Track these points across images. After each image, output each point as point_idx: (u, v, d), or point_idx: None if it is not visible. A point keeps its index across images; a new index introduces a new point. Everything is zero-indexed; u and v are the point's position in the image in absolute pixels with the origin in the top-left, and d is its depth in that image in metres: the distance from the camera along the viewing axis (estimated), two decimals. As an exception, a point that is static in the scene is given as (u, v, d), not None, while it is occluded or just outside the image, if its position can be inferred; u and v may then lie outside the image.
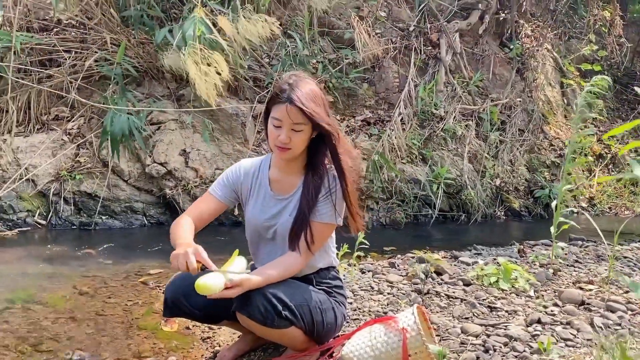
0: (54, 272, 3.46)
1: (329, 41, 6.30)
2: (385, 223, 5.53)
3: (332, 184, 2.00)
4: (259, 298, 1.84)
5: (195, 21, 4.71)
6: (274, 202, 2.07)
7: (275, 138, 1.92)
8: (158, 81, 5.51)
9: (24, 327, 2.56)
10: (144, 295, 3.04)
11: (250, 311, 1.84)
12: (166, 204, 5.07)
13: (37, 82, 5.06)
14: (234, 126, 5.41)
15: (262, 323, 1.85)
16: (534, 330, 2.19)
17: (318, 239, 1.98)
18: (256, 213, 2.08)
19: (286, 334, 1.93)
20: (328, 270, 2.16)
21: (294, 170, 2.05)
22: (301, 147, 1.95)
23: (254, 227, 2.10)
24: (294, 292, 1.93)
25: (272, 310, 1.83)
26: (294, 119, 1.88)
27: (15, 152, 4.79)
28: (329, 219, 1.99)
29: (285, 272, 1.95)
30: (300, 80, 1.93)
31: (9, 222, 4.52)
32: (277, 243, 2.06)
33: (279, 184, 2.08)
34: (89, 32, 5.38)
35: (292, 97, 1.86)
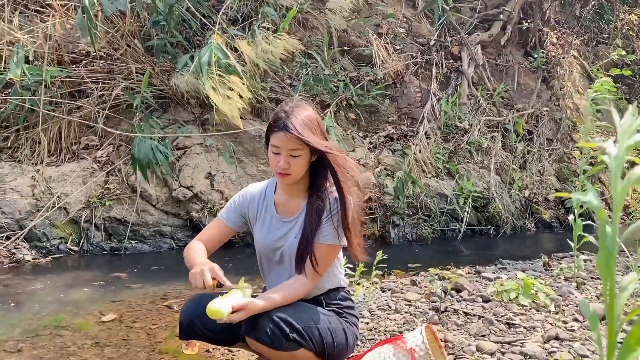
0: (84, 298, 3.56)
1: (350, 59, 6.36)
2: (412, 239, 5.49)
3: (333, 205, 2.02)
4: (266, 322, 1.87)
5: (212, 47, 4.85)
6: (280, 224, 2.10)
7: (275, 164, 1.98)
8: (183, 107, 5.65)
9: (51, 352, 2.65)
10: (168, 319, 3.10)
11: (257, 335, 1.87)
12: (193, 226, 5.16)
13: (67, 113, 5.26)
14: (257, 147, 5.50)
15: (270, 346, 1.87)
16: (551, 347, 2.14)
17: (323, 260, 2.00)
18: (263, 236, 2.12)
19: (296, 356, 1.94)
20: (337, 290, 2.17)
21: (297, 193, 2.08)
22: (301, 172, 1.99)
23: (262, 249, 2.14)
24: (302, 314, 1.95)
25: (280, 333, 1.86)
26: (290, 146, 1.92)
27: (48, 181, 4.97)
28: (332, 240, 2.01)
29: (291, 296, 1.97)
30: (296, 107, 1.97)
31: (42, 249, 4.68)
32: (285, 265, 2.09)
33: (284, 207, 2.12)
34: (115, 63, 5.58)
35: (287, 125, 1.91)
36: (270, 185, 2.21)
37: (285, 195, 2.12)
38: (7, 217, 4.71)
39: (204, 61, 4.81)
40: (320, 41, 6.07)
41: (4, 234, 4.59)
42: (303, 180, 2.05)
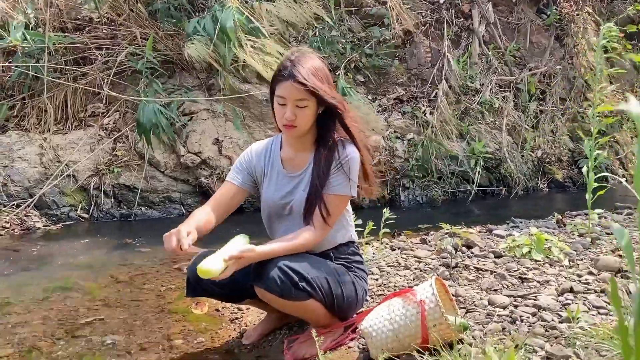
0: (94, 262, 3.57)
1: (357, 20, 6.21)
2: (422, 201, 5.44)
3: (342, 154, 1.97)
4: (274, 270, 1.84)
5: (232, 10, 4.74)
6: (287, 179, 2.06)
7: (281, 116, 1.92)
8: (188, 72, 5.56)
9: (61, 314, 2.66)
10: (178, 281, 3.10)
11: (266, 283, 1.85)
12: (202, 192, 5.15)
13: (72, 80, 5.21)
14: (265, 112, 5.42)
15: (279, 295, 1.85)
16: (565, 299, 2.10)
17: (333, 211, 1.96)
18: (271, 192, 2.08)
19: (305, 306, 1.92)
20: (347, 245, 2.14)
21: (304, 147, 2.03)
22: (308, 123, 1.93)
23: (269, 206, 2.10)
24: (311, 264, 1.93)
25: (289, 281, 1.83)
26: (297, 95, 1.86)
27: (56, 149, 4.96)
28: (342, 191, 1.96)
29: (296, 245, 1.93)
30: (302, 56, 1.91)
31: (53, 217, 4.70)
32: (293, 220, 2.05)
33: (291, 162, 2.07)
34: (119, 28, 5.49)
35: (294, 73, 1.85)
36: (275, 141, 2.16)
37: (291, 149, 2.07)
38: (16, 185, 4.71)
39: (229, 26, 4.72)
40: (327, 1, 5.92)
41: (14, 202, 4.60)
42: (310, 132, 2.00)
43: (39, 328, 2.48)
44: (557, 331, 1.84)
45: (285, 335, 2.22)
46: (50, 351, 2.26)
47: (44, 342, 2.34)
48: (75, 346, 2.29)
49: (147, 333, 2.42)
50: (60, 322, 2.55)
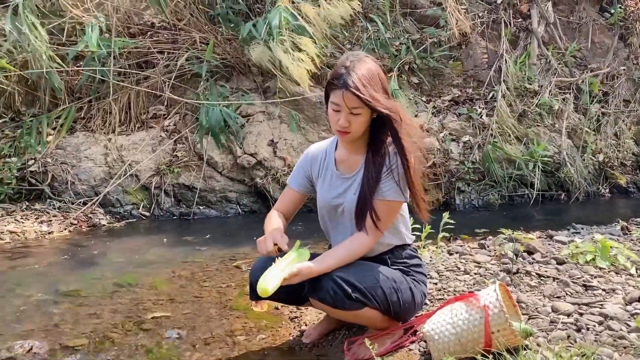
0: (157, 259, 3.71)
1: (412, 21, 6.18)
2: (478, 205, 5.36)
3: (392, 160, 1.97)
4: (328, 282, 1.88)
5: (280, 11, 4.83)
6: (340, 181, 2.09)
7: (335, 122, 1.94)
8: (245, 75, 5.70)
9: (129, 308, 2.78)
10: (237, 278, 3.19)
11: (320, 295, 1.89)
12: (257, 192, 5.25)
13: (136, 83, 5.42)
14: (319, 114, 5.48)
15: (333, 306, 1.89)
16: (634, 309, 2.04)
17: (384, 217, 1.97)
18: (324, 193, 2.12)
19: (361, 315, 1.95)
20: (403, 248, 2.14)
21: (357, 149, 2.05)
22: (361, 129, 1.95)
23: (323, 207, 2.14)
24: (365, 274, 1.94)
25: (342, 293, 1.86)
26: (351, 104, 1.87)
27: (120, 149, 5.17)
28: (392, 196, 1.97)
29: (351, 254, 1.96)
30: (357, 62, 1.90)
31: (116, 214, 4.90)
32: (346, 222, 2.07)
33: (344, 164, 2.10)
34: (179, 33, 5.68)
35: (348, 83, 1.85)
36: (331, 143, 2.19)
37: (345, 151, 2.10)
38: (83, 183, 4.95)
39: (274, 25, 4.81)
40: (382, 3, 5.92)
41: (81, 199, 4.84)
42: (363, 136, 2.01)
43: (109, 320, 2.61)
44: (626, 341, 1.79)
45: (345, 335, 2.25)
46: (121, 342, 2.37)
47: (115, 334, 2.46)
48: (143, 339, 2.40)
49: (210, 328, 2.51)
50: (129, 315, 2.67)
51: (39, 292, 3.03)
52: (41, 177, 4.86)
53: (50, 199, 4.78)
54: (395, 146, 1.94)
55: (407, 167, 1.92)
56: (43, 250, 3.96)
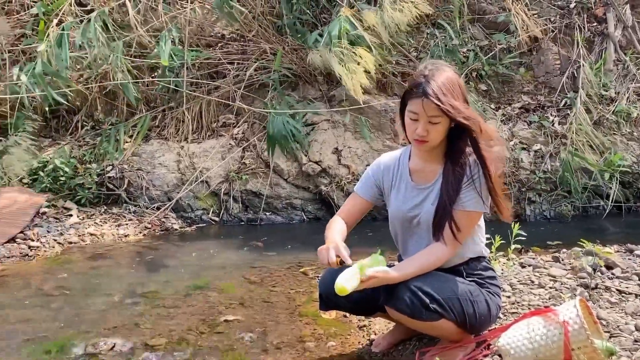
0: (227, 263, 3.83)
1: (480, 27, 6.07)
2: (550, 216, 5.17)
3: (473, 170, 1.95)
4: (405, 292, 1.88)
5: (341, 20, 4.88)
6: (416, 192, 2.07)
7: (412, 131, 1.93)
8: (311, 84, 5.78)
9: (203, 310, 2.89)
10: (305, 285, 3.24)
11: (397, 304, 1.89)
12: (322, 200, 5.30)
13: (207, 93, 5.62)
14: (383, 122, 5.48)
15: (410, 316, 1.88)
16: None
17: (463, 227, 1.95)
18: (399, 204, 2.11)
19: (437, 326, 1.93)
20: (478, 260, 2.11)
21: (434, 159, 2.03)
22: (439, 139, 1.93)
23: (397, 218, 2.13)
24: (442, 285, 1.93)
25: (419, 303, 1.86)
26: (430, 113, 1.87)
27: (192, 157, 5.37)
28: (473, 207, 1.94)
29: (428, 264, 1.95)
30: (436, 71, 1.89)
31: (188, 219, 5.08)
32: (421, 233, 2.06)
33: (420, 174, 2.08)
34: (248, 44, 5.84)
35: (427, 91, 1.84)
36: (404, 153, 2.18)
37: (420, 161, 2.08)
38: (157, 189, 5.17)
39: (334, 34, 4.86)
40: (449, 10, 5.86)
41: (155, 204, 5.05)
42: (440, 145, 2.00)
43: (184, 322, 2.72)
44: None
45: (415, 346, 2.24)
46: (196, 344, 2.47)
47: (191, 335, 2.56)
48: (217, 341, 2.49)
49: (280, 333, 2.56)
50: (202, 318, 2.77)
51: (119, 293, 3.20)
52: (118, 182, 5.12)
53: (126, 204, 5.02)
54: (476, 156, 1.92)
55: (489, 177, 1.89)
56: (120, 252, 4.17)
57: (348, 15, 4.95)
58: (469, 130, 1.89)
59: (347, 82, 4.85)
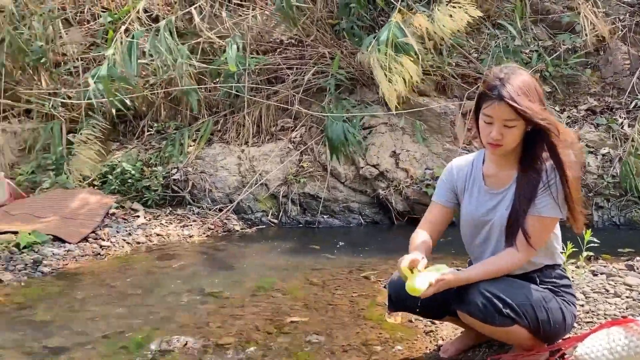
0: (288, 265, 3.88)
1: (544, 27, 5.91)
2: (619, 223, 4.96)
3: (550, 175, 1.91)
4: (477, 296, 1.86)
5: (391, 26, 4.85)
6: (489, 196, 2.05)
7: (487, 135, 1.91)
8: (368, 87, 5.78)
9: (268, 311, 2.94)
10: (367, 289, 3.25)
11: (469, 309, 1.87)
12: (380, 204, 5.29)
13: (266, 98, 5.73)
14: (443, 125, 5.41)
15: (483, 320, 1.86)
16: None
17: (538, 234, 1.91)
18: (471, 209, 2.08)
19: (509, 332, 1.91)
20: (553, 268, 2.06)
21: (508, 164, 2.00)
22: (514, 143, 1.91)
23: (469, 223, 2.11)
24: (515, 290, 1.90)
25: (492, 307, 1.84)
26: (505, 116, 1.84)
27: (251, 160, 5.48)
28: (548, 212, 1.90)
29: (499, 269, 1.93)
30: (511, 74, 1.87)
31: (248, 220, 5.19)
32: (494, 239, 2.03)
33: (494, 179, 2.05)
34: (306, 49, 5.91)
35: (503, 94, 1.82)
36: (477, 157, 2.16)
37: (494, 166, 2.06)
38: (219, 191, 5.31)
39: (381, 40, 4.85)
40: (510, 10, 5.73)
41: (217, 206, 5.19)
42: (515, 149, 1.97)
43: (252, 321, 2.79)
44: None
45: (485, 352, 2.22)
46: (264, 344, 2.52)
47: (258, 335, 2.62)
48: (285, 342, 2.54)
49: (346, 336, 2.58)
50: (269, 318, 2.83)
51: (187, 292, 3.31)
52: (183, 184, 5.29)
53: (190, 205, 5.18)
54: (553, 161, 1.88)
55: (566, 183, 1.85)
56: (185, 252, 4.30)
57: (399, 21, 4.92)
58: (546, 133, 1.85)
59: (384, 90, 4.81)
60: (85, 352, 2.50)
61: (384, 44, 4.73)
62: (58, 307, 3.08)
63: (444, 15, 4.90)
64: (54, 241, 4.11)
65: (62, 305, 3.10)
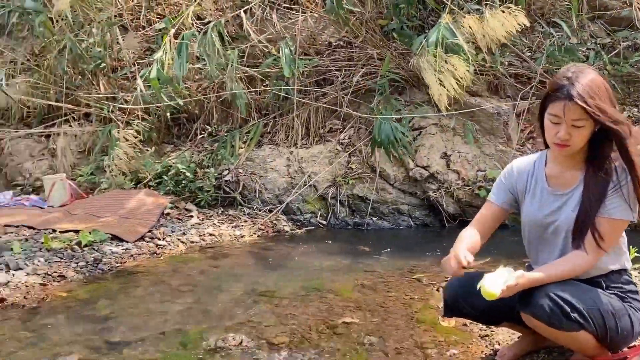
0: (338, 266, 3.89)
1: (601, 24, 5.71)
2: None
3: (621, 176, 1.85)
4: (543, 298, 1.81)
5: (440, 27, 4.78)
6: (553, 198, 2.00)
7: (553, 135, 1.87)
8: (418, 88, 5.73)
9: (320, 311, 2.96)
10: (420, 291, 3.22)
11: (535, 311, 1.82)
12: (430, 206, 5.23)
13: (315, 100, 5.76)
14: (496, 126, 5.31)
15: (549, 324, 1.81)
16: None
17: (608, 236, 1.85)
18: (534, 210, 2.04)
19: (575, 337, 1.85)
20: (620, 273, 1.99)
21: (574, 165, 1.95)
22: (581, 143, 1.85)
23: (532, 225, 2.06)
24: (583, 294, 1.84)
25: (559, 311, 1.79)
26: (574, 116, 1.79)
27: (300, 162, 5.53)
28: (619, 215, 1.84)
29: (568, 271, 1.88)
30: (579, 73, 1.82)
31: (297, 222, 5.23)
32: (557, 241, 1.98)
33: (558, 180, 2.00)
34: (355, 50, 5.91)
35: (572, 93, 1.77)
36: (539, 158, 2.11)
37: (558, 166, 2.01)
38: (269, 192, 5.38)
39: (431, 41, 4.79)
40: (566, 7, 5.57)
41: (267, 207, 5.25)
42: (582, 150, 1.91)
43: (304, 321, 2.81)
44: None
45: (543, 359, 2.16)
46: (318, 344, 2.54)
47: (311, 335, 2.64)
48: (338, 342, 2.54)
49: (399, 338, 2.57)
50: (321, 319, 2.84)
51: (240, 290, 3.37)
52: (234, 185, 5.38)
53: (241, 206, 5.27)
54: (624, 162, 1.82)
55: (638, 185, 1.79)
56: (237, 252, 4.38)
57: (448, 22, 4.85)
58: (616, 134, 1.80)
59: (434, 92, 4.74)
60: (144, 348, 2.58)
61: (434, 45, 4.68)
62: (117, 303, 3.19)
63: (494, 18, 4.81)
64: (113, 240, 4.26)
65: (122, 302, 3.22)
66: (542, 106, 1.93)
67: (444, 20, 4.82)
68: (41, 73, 6.06)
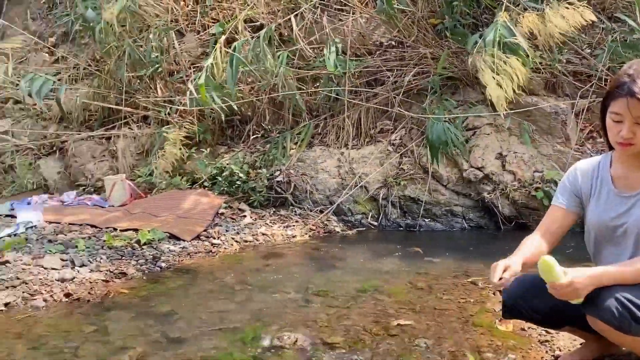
0: (391, 268, 3.87)
1: (667, 18, 5.44)
2: None
3: None
4: (611, 301, 1.75)
5: (497, 25, 4.66)
6: (620, 199, 1.93)
7: (615, 134, 1.82)
8: (472, 87, 5.62)
9: (374, 313, 2.96)
10: (475, 294, 3.16)
11: (602, 314, 1.76)
12: (485, 207, 5.12)
13: (366, 100, 5.75)
14: (553, 125, 5.14)
15: (617, 328, 1.74)
16: None
17: None
18: (600, 213, 1.97)
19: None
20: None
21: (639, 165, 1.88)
22: None
23: (597, 228, 1.99)
24: (653, 299, 1.76)
25: (628, 314, 1.72)
26: (636, 114, 1.74)
27: (351, 162, 5.52)
28: None
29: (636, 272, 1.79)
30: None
31: (348, 222, 5.24)
32: (625, 244, 1.91)
33: (624, 181, 1.94)
34: (406, 50, 5.87)
35: (634, 90, 1.73)
36: (604, 159, 2.05)
37: (624, 167, 1.94)
38: (319, 193, 5.41)
39: (488, 40, 4.68)
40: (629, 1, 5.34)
41: (318, 207, 5.29)
42: None
43: (358, 322, 2.81)
44: None
45: (608, 367, 2.08)
46: (372, 345, 2.54)
47: (366, 336, 2.64)
48: (393, 344, 2.53)
49: (455, 341, 2.53)
50: (375, 320, 2.84)
51: (293, 290, 3.41)
52: (285, 186, 5.44)
53: (292, 206, 5.32)
54: None
55: None
56: (289, 251, 4.43)
57: (505, 19, 4.72)
58: None
59: (492, 93, 4.62)
60: (203, 344, 2.65)
61: (491, 44, 4.57)
62: (176, 300, 3.29)
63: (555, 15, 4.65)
64: (170, 238, 4.40)
65: (180, 299, 3.32)
66: (603, 105, 1.88)
67: (500, 18, 4.71)
68: (102, 78, 6.32)
